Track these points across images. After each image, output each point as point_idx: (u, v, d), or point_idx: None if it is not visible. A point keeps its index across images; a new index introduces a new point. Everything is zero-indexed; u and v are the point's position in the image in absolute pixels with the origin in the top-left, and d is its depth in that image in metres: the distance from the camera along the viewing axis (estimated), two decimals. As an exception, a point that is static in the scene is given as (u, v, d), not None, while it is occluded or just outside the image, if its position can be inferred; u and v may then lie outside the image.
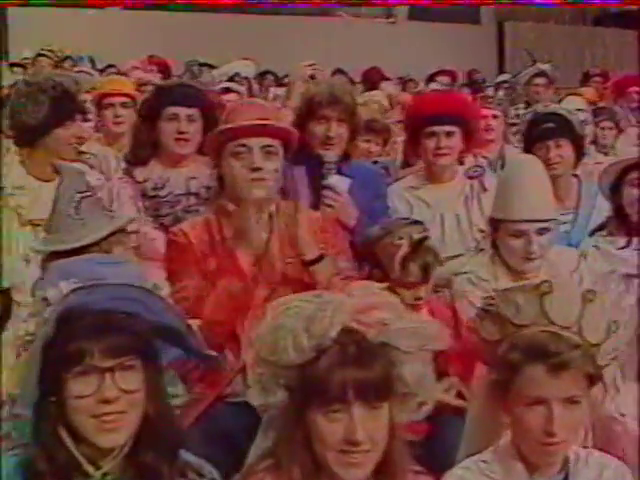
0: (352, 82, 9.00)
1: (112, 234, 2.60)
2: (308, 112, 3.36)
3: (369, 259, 2.92)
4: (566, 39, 11.78)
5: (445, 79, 7.79)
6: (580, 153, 3.84)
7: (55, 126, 3.31)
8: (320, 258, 2.66)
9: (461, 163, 3.78)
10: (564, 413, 1.79)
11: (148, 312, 1.66)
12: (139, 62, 7.95)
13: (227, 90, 5.85)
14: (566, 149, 3.75)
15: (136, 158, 3.55)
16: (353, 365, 1.65)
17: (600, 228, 3.34)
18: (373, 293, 1.79)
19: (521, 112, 5.20)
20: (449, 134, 3.64)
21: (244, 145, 2.69)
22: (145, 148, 3.48)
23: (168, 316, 1.70)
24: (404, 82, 9.22)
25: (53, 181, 3.39)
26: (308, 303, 1.72)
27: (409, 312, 1.82)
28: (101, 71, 8.14)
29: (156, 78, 8.20)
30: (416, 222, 3.00)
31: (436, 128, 3.63)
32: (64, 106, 3.31)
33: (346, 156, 3.48)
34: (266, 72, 9.54)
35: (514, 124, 5.13)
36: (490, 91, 7.28)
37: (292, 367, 1.68)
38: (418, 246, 2.86)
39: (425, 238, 2.88)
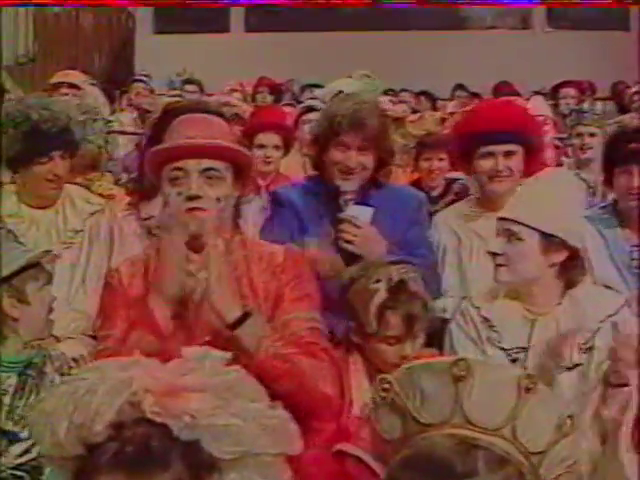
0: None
1: (25, 269, 2.34)
2: (328, 134, 2.92)
3: (345, 309, 2.38)
4: None
5: (571, 91, 7.01)
6: None
7: (30, 162, 3.07)
8: (244, 317, 2.12)
9: None
10: None
11: None
12: (237, 85, 7.70)
13: (311, 109, 5.42)
14: None
15: (141, 191, 3.21)
16: (126, 472, 1.17)
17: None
18: (197, 367, 1.27)
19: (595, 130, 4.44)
20: (508, 154, 3.08)
21: (181, 169, 2.23)
22: (151, 180, 3.12)
23: None
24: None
25: (48, 208, 3.15)
26: (94, 374, 1.24)
27: (246, 401, 1.28)
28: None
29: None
30: (401, 261, 2.45)
31: (493, 148, 3.07)
32: (36, 143, 3.04)
33: (375, 183, 3.01)
34: (389, 90, 9.10)
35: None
36: (587, 105, 6.46)
37: (66, 458, 1.22)
38: (399, 291, 2.30)
39: (407, 280, 2.32)
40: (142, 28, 11.12)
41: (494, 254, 2.56)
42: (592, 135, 4.31)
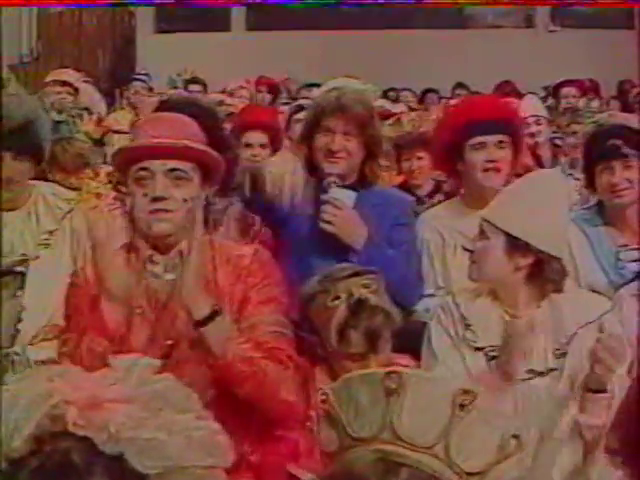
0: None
1: None
2: (314, 122, 2.95)
3: (307, 323, 2.32)
4: None
5: (573, 90, 6.92)
6: None
7: None
8: (213, 315, 2.09)
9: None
10: None
11: None
12: (244, 82, 7.64)
13: (303, 108, 5.35)
14: (636, 171, 2.98)
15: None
16: None
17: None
18: (124, 376, 1.21)
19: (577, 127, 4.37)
20: (501, 143, 3.04)
21: (146, 169, 2.19)
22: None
23: None
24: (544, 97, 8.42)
25: (18, 209, 3.08)
26: (18, 386, 1.18)
27: (174, 412, 1.22)
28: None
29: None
30: (363, 271, 2.37)
31: (485, 138, 3.01)
32: None
33: (364, 181, 2.99)
34: (390, 89, 9.02)
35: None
36: (581, 103, 6.35)
37: None
38: (360, 308, 2.24)
39: (367, 296, 2.25)
40: (143, 27, 11.07)
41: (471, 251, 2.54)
42: (584, 133, 4.23)
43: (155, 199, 2.17)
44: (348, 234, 2.81)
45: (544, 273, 2.43)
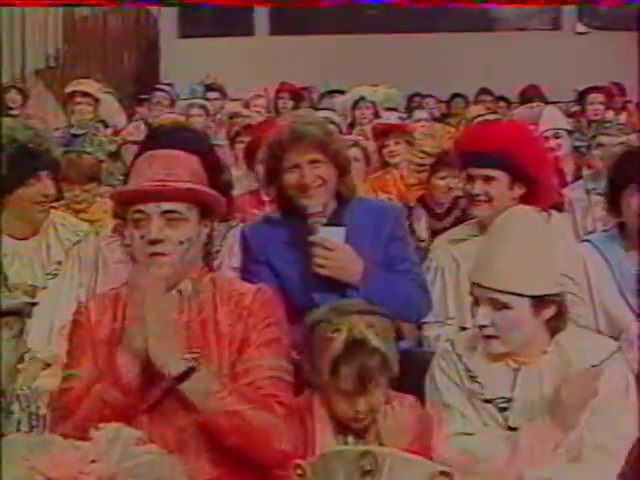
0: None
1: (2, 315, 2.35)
2: (275, 162, 2.78)
3: (306, 351, 2.28)
4: None
5: (599, 97, 6.77)
6: None
7: (17, 185, 2.96)
8: (189, 372, 2.04)
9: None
10: None
11: None
12: (261, 90, 7.60)
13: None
14: None
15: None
16: None
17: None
18: (107, 451, 1.19)
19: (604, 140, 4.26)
20: (488, 179, 2.96)
21: (142, 211, 2.15)
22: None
23: None
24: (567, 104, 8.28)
25: (31, 238, 3.07)
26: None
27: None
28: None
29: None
30: (373, 311, 2.30)
31: (472, 171, 2.99)
32: (22, 164, 2.94)
33: (341, 199, 2.85)
34: (415, 94, 8.94)
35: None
36: (608, 115, 6.19)
37: None
38: (357, 345, 2.18)
39: (368, 337, 2.18)
40: (166, 31, 11.07)
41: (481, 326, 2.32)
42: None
43: (151, 241, 2.14)
44: (343, 274, 2.68)
45: (563, 314, 2.36)
